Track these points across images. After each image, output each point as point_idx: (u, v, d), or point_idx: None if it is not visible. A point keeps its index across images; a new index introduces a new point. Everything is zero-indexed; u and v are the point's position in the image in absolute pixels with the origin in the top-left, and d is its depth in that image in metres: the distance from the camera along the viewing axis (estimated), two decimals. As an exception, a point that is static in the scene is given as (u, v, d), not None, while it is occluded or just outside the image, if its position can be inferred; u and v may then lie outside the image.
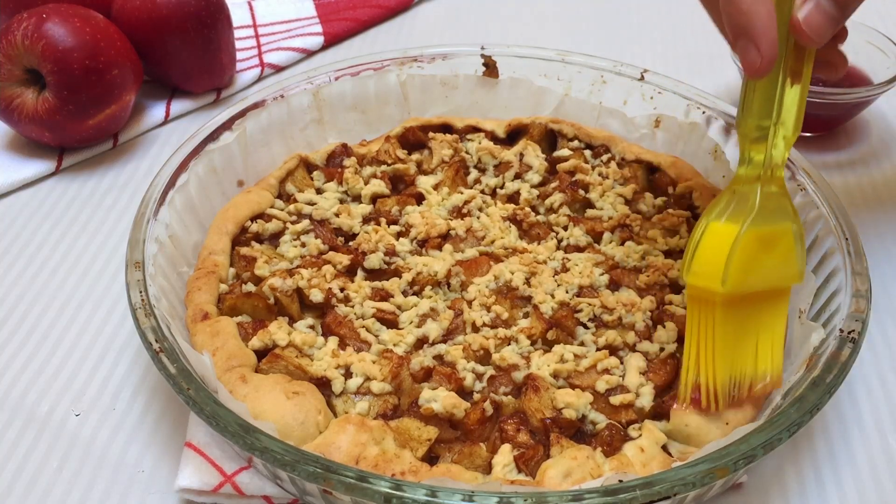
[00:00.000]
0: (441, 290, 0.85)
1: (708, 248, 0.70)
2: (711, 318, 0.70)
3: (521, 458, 0.68)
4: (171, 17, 1.10)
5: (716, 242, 0.70)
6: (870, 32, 1.13)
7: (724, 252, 0.68)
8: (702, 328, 0.71)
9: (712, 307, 0.70)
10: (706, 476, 0.61)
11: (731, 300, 0.69)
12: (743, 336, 0.71)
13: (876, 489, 0.73)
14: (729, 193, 0.72)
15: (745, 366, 0.71)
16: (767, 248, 0.70)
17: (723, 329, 0.70)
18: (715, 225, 0.71)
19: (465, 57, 1.07)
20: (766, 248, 0.70)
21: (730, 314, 0.70)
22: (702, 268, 0.70)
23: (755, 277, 0.70)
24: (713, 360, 0.70)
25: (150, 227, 0.80)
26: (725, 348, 0.70)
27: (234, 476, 0.69)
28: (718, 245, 0.69)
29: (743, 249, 0.69)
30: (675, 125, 1.01)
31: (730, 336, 0.70)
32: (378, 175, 0.97)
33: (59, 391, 0.81)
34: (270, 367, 0.75)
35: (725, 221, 0.70)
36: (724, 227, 0.70)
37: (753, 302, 0.71)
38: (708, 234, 0.71)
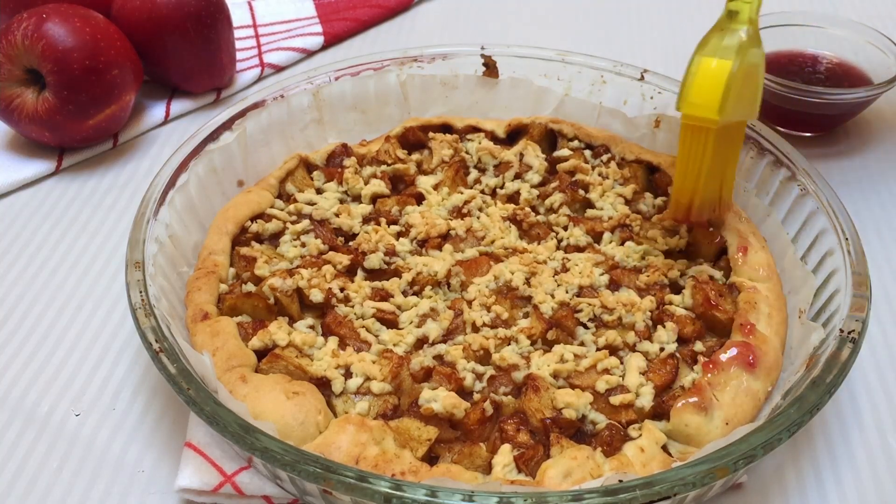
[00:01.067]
0: (441, 290, 0.85)
1: (704, 80, 0.77)
2: (703, 145, 0.79)
3: (521, 458, 0.68)
4: (171, 17, 1.10)
5: (710, 76, 0.77)
6: (870, 32, 1.13)
7: (720, 85, 0.76)
8: (693, 153, 0.80)
9: (706, 134, 0.78)
10: (706, 476, 0.60)
11: (719, 130, 0.78)
12: (720, 163, 0.82)
13: (876, 489, 0.73)
14: (717, 31, 0.80)
15: (716, 189, 0.84)
16: (748, 81, 0.80)
17: (711, 155, 0.79)
18: (707, 60, 0.78)
19: (465, 57, 1.07)
20: (746, 82, 0.80)
21: (717, 142, 0.79)
22: (699, 98, 0.77)
23: (736, 109, 0.80)
24: (701, 181, 0.81)
25: (150, 227, 0.80)
26: (711, 172, 0.81)
27: (234, 476, 0.69)
28: (713, 78, 0.77)
29: (735, 83, 0.77)
30: (675, 125, 1.01)
31: (714, 162, 0.80)
32: (378, 175, 0.97)
33: (59, 391, 0.81)
34: (270, 367, 0.75)
35: (718, 57, 0.78)
36: (717, 63, 0.77)
37: (728, 133, 0.81)
38: (702, 69, 0.78)
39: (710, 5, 1.42)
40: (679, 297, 0.83)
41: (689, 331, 0.80)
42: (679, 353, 0.78)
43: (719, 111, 0.76)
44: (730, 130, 0.81)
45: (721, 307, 0.81)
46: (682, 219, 0.86)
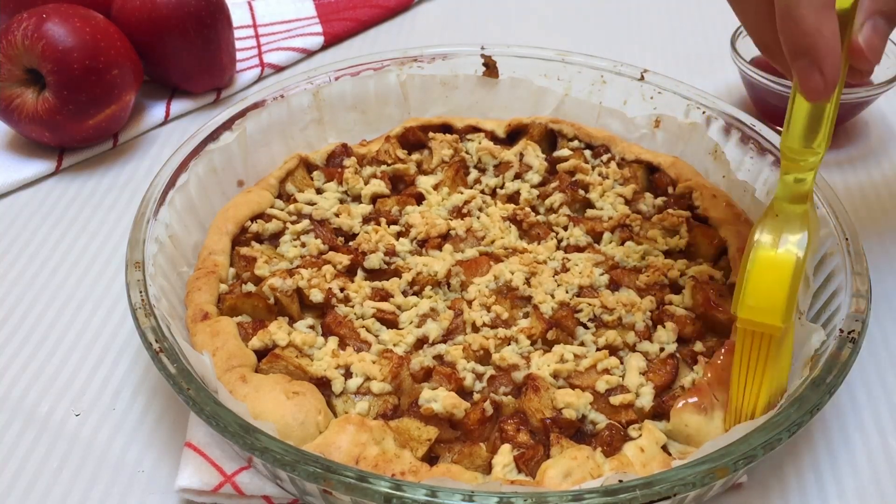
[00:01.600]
0: (441, 290, 0.85)
1: (761, 279, 0.67)
2: (765, 352, 0.68)
3: (521, 458, 0.68)
4: (171, 17, 1.10)
5: (769, 274, 0.67)
6: (870, 32, 1.13)
7: (783, 286, 0.66)
8: (752, 360, 0.68)
9: (767, 341, 0.67)
10: (706, 476, 0.60)
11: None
12: (782, 363, 0.70)
13: (876, 489, 0.73)
14: (772, 217, 0.69)
15: (779, 389, 0.71)
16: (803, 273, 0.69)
17: (773, 360, 0.68)
18: (764, 254, 0.67)
19: (465, 57, 1.07)
20: (802, 274, 0.69)
21: (779, 345, 0.68)
22: (757, 302, 0.66)
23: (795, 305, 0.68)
24: (759, 389, 0.68)
25: (150, 227, 0.80)
26: (772, 378, 0.69)
27: (234, 476, 0.69)
28: (773, 277, 0.66)
29: (799, 277, 0.66)
30: (675, 125, 1.01)
31: (776, 365, 0.69)
32: (378, 175, 0.97)
33: (59, 391, 0.81)
34: (270, 367, 0.75)
35: (775, 250, 0.67)
36: (776, 257, 0.67)
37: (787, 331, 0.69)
38: (759, 265, 0.67)
39: (710, 5, 1.42)
40: (679, 297, 0.83)
41: (689, 331, 0.80)
42: (679, 353, 0.78)
43: (784, 317, 0.65)
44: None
45: (721, 307, 0.81)
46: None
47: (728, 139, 0.97)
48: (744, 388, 0.69)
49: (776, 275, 0.66)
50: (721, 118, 0.98)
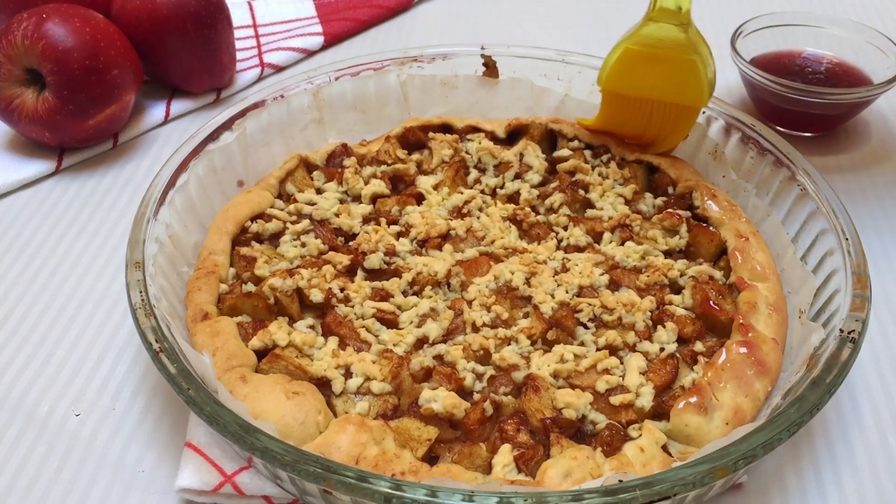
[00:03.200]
0: (441, 290, 0.85)
1: (611, 52, 0.93)
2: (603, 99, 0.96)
3: (521, 458, 0.68)
4: (171, 17, 1.10)
5: (614, 50, 0.93)
6: (870, 32, 1.13)
7: (610, 58, 0.93)
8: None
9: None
10: (706, 476, 0.61)
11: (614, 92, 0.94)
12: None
13: (876, 489, 0.73)
14: (647, 17, 0.92)
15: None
16: (652, 64, 0.91)
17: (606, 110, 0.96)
18: (623, 39, 0.93)
19: (465, 57, 1.07)
20: (653, 65, 0.91)
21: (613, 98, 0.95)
22: (604, 65, 0.94)
23: (642, 84, 0.92)
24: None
25: (150, 227, 0.80)
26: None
27: (234, 476, 0.69)
28: (612, 52, 0.93)
29: (621, 61, 0.92)
30: (675, 125, 1.01)
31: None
32: (378, 175, 0.97)
33: (59, 391, 0.81)
34: (270, 367, 0.75)
35: (628, 42, 0.92)
36: (623, 40, 0.92)
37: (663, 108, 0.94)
38: (616, 44, 0.93)
39: (710, 5, 1.42)
40: (679, 297, 0.83)
41: (689, 331, 0.80)
42: (679, 353, 0.78)
43: (600, 80, 0.94)
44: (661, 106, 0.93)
45: (721, 307, 0.81)
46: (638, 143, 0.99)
47: (728, 139, 0.97)
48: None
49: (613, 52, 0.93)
50: (721, 118, 0.98)
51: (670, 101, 0.93)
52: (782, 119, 1.10)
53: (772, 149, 0.92)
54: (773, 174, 0.92)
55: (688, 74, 0.91)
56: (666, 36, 0.90)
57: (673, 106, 0.93)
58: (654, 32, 0.90)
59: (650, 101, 0.93)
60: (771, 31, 1.16)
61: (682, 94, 0.92)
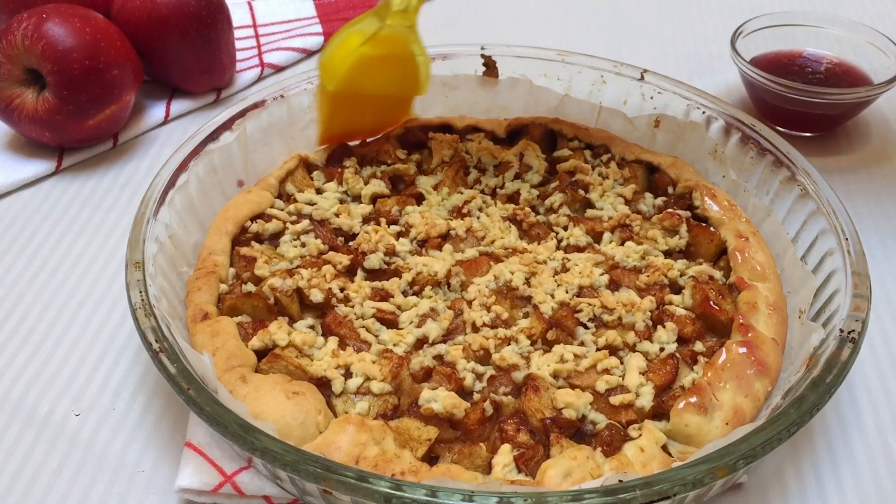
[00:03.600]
0: (441, 290, 0.85)
1: (338, 52, 0.94)
2: (326, 98, 0.96)
3: (521, 458, 0.68)
4: (171, 17, 1.10)
5: (343, 51, 0.93)
6: (870, 32, 1.13)
7: (343, 65, 0.92)
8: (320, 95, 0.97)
9: (325, 92, 0.96)
10: (706, 476, 0.61)
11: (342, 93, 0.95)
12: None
13: (876, 489, 0.73)
14: (370, 14, 0.93)
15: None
16: (386, 65, 0.94)
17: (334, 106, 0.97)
18: (350, 36, 0.93)
19: (465, 57, 1.07)
20: (385, 65, 0.94)
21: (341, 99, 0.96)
22: (328, 65, 0.94)
23: (374, 83, 0.95)
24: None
25: (150, 227, 0.80)
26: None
27: (234, 476, 0.69)
28: (343, 53, 0.93)
29: (357, 65, 0.92)
30: (675, 125, 1.01)
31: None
32: (378, 175, 0.97)
33: (59, 391, 0.81)
34: (270, 367, 0.75)
35: (358, 36, 0.92)
36: (353, 41, 0.92)
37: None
38: (342, 42, 0.93)
39: (709, 5, 1.42)
40: (679, 297, 0.83)
41: (689, 331, 0.80)
42: (679, 353, 0.78)
43: (333, 84, 0.94)
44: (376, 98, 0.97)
45: (721, 307, 0.81)
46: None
47: (728, 139, 0.97)
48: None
49: (343, 52, 0.93)
50: (721, 118, 0.98)
51: (395, 95, 0.99)
52: (782, 119, 1.10)
53: (772, 149, 0.92)
54: (773, 174, 0.92)
55: (412, 68, 0.96)
56: (396, 35, 0.92)
57: (394, 97, 1.00)
58: (387, 34, 0.92)
59: (375, 97, 0.97)
60: (771, 31, 1.16)
61: (406, 86, 0.98)
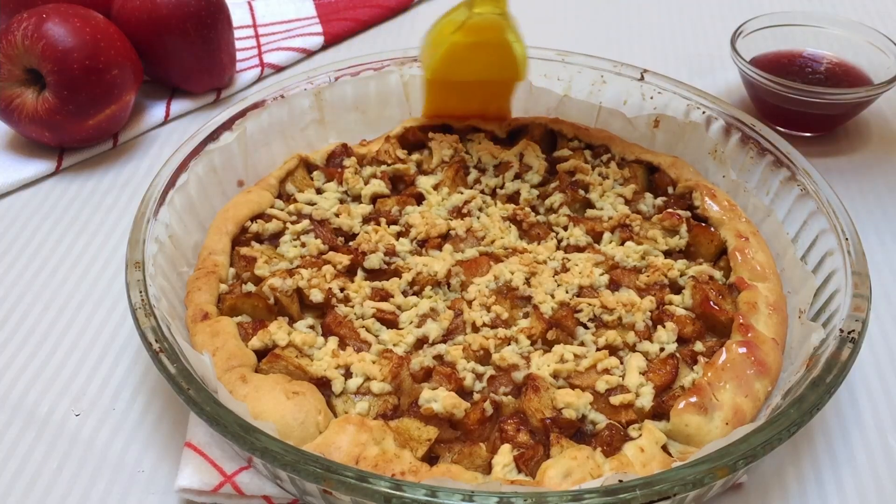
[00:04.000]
0: (441, 290, 0.85)
1: (433, 41, 0.97)
2: (426, 85, 1.01)
3: (521, 458, 0.68)
4: (171, 17, 1.10)
5: (437, 40, 0.97)
6: (870, 32, 1.13)
7: (438, 51, 0.96)
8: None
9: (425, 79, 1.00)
10: (706, 476, 0.61)
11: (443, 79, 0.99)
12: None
13: (876, 489, 0.73)
14: (464, 4, 0.94)
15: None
16: (479, 52, 0.96)
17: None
18: (444, 26, 0.96)
19: (466, 57, 1.07)
20: (477, 52, 0.96)
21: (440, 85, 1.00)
22: (425, 53, 0.99)
23: (468, 70, 0.97)
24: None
25: (150, 227, 0.80)
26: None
27: (234, 476, 0.69)
28: (437, 42, 0.96)
29: (449, 53, 0.95)
30: (675, 125, 1.01)
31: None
32: (378, 175, 0.97)
33: (59, 391, 0.81)
34: (270, 367, 0.75)
35: (450, 26, 0.95)
36: (446, 31, 0.95)
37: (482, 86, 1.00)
38: (437, 31, 0.97)
39: (710, 5, 1.42)
40: (679, 297, 0.83)
41: (689, 331, 0.80)
42: (679, 353, 0.78)
43: (432, 72, 0.98)
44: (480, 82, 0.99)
45: (721, 307, 0.81)
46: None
47: (728, 139, 0.97)
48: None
49: (437, 42, 0.97)
50: (721, 118, 0.98)
51: (493, 80, 1.00)
52: (782, 119, 1.10)
53: (772, 149, 0.92)
54: (773, 174, 0.92)
55: (507, 55, 0.97)
56: (487, 23, 0.94)
57: (495, 83, 1.01)
58: (477, 22, 0.93)
59: (474, 82, 1.00)
60: (771, 31, 1.16)
61: (503, 72, 1.00)
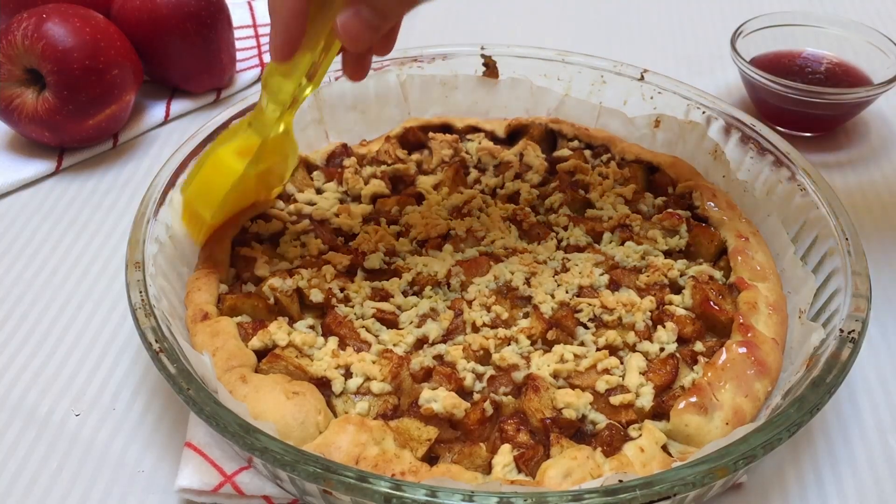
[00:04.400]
0: (441, 290, 0.85)
1: (210, 175, 0.81)
2: (199, 229, 0.84)
3: (521, 458, 0.68)
4: (171, 17, 1.10)
5: (218, 173, 0.80)
6: (870, 32, 1.13)
7: (222, 189, 0.80)
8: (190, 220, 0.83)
9: (200, 224, 0.83)
10: (706, 476, 0.61)
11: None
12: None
13: (876, 489, 0.73)
14: (245, 126, 0.81)
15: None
16: (261, 181, 0.86)
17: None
18: (223, 154, 0.80)
19: (465, 57, 1.07)
20: (260, 182, 0.86)
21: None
22: (200, 192, 0.82)
23: (241, 199, 0.86)
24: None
25: (150, 227, 0.81)
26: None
27: (234, 476, 0.69)
28: (219, 178, 0.80)
29: (236, 187, 0.81)
30: (675, 125, 1.01)
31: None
32: (378, 175, 0.97)
33: (59, 391, 0.81)
34: (270, 367, 0.75)
35: (233, 155, 0.80)
36: (230, 162, 0.80)
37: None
38: (213, 162, 0.81)
39: (710, 5, 1.42)
40: (679, 297, 0.83)
41: (689, 331, 0.80)
42: (679, 353, 0.78)
43: (212, 216, 0.82)
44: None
45: (721, 307, 0.81)
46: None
47: (728, 139, 0.97)
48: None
49: (220, 176, 0.80)
50: (721, 118, 0.98)
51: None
52: (782, 119, 1.10)
53: (772, 149, 0.92)
54: (773, 174, 0.92)
55: (283, 167, 0.89)
56: (275, 144, 0.82)
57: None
58: (275, 141, 0.81)
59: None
60: (771, 31, 1.16)
61: (272, 183, 0.91)
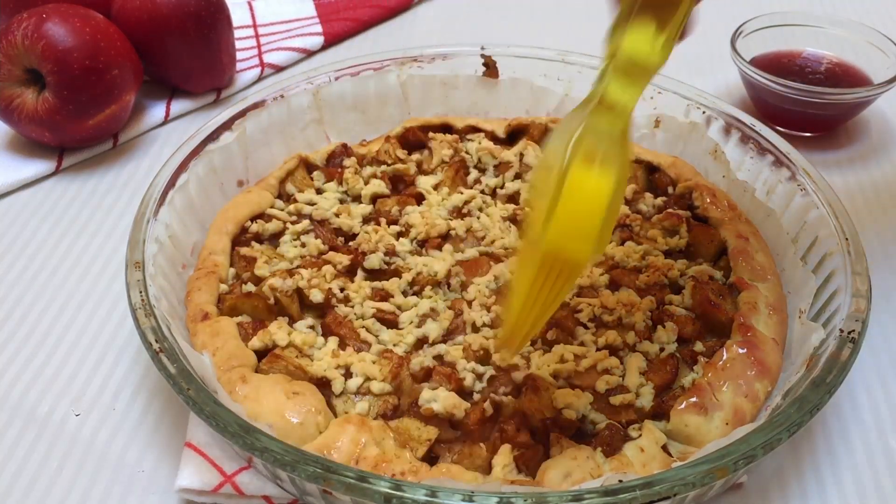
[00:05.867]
0: (441, 290, 0.85)
1: (575, 202, 0.56)
2: (559, 287, 0.59)
3: (521, 458, 0.68)
4: (171, 17, 1.10)
5: (585, 196, 0.56)
6: (870, 32, 1.13)
7: (598, 211, 0.56)
8: (543, 292, 0.59)
9: (567, 276, 0.58)
10: (706, 476, 0.61)
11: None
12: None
13: (876, 489, 0.73)
14: (591, 133, 0.59)
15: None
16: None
17: (568, 290, 0.61)
18: (582, 173, 0.57)
19: (465, 57, 1.07)
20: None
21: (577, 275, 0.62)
22: (567, 228, 0.56)
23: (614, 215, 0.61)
24: (542, 315, 0.62)
25: (150, 227, 0.80)
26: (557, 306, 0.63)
27: (234, 476, 0.69)
28: (589, 200, 0.57)
29: (611, 207, 0.58)
30: (675, 125, 1.01)
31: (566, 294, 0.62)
32: (378, 175, 0.97)
33: (59, 391, 0.81)
34: (270, 367, 0.75)
35: (595, 168, 0.57)
36: (595, 178, 0.56)
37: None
38: (575, 185, 0.56)
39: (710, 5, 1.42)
40: (679, 297, 0.83)
41: (689, 331, 0.80)
42: (679, 353, 0.78)
43: (595, 249, 0.58)
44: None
45: (721, 307, 0.81)
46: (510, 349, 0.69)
47: (728, 139, 0.97)
48: (528, 310, 0.61)
49: (588, 198, 0.56)
50: (721, 118, 0.98)
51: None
52: (782, 119, 1.10)
53: (772, 149, 0.92)
54: (773, 174, 0.92)
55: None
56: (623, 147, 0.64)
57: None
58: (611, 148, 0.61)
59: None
60: (771, 31, 1.16)
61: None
